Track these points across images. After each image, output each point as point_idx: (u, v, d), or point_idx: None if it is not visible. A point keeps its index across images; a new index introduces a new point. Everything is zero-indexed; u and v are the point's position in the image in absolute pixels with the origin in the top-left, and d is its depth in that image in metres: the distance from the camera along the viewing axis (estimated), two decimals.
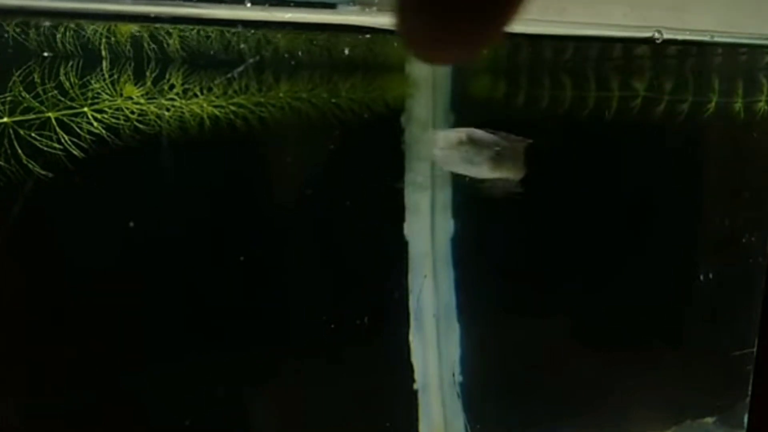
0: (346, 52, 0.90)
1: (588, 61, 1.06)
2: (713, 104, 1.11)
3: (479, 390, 1.15)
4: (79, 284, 0.84)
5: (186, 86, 0.79)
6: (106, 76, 0.73)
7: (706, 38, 0.94)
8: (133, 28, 0.71)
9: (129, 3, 0.67)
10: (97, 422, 0.89)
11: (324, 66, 0.90)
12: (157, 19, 0.69)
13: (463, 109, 1.04)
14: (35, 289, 0.82)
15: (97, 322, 0.86)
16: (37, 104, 0.69)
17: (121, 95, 0.74)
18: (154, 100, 0.76)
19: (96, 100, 0.73)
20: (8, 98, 0.68)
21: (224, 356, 0.94)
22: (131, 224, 0.83)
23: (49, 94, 0.70)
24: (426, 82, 1.01)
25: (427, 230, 1.08)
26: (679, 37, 0.92)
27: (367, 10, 0.80)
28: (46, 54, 0.69)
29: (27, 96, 0.69)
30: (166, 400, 0.93)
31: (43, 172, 0.72)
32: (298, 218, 0.98)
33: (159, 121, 0.77)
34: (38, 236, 0.80)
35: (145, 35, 0.73)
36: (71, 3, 0.66)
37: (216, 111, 0.82)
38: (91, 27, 0.70)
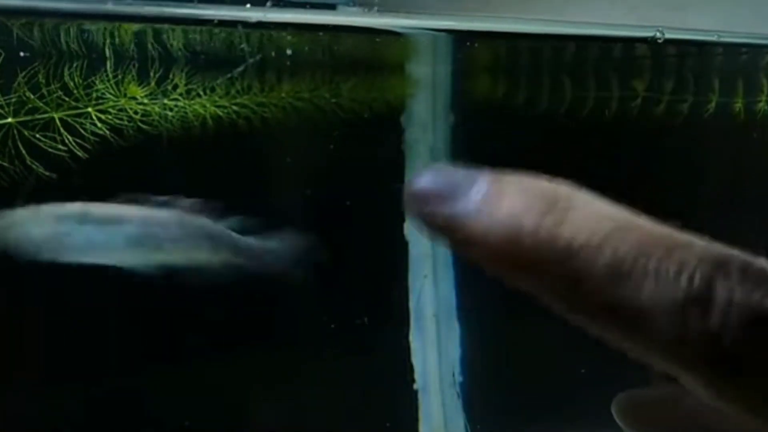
0: (346, 52, 0.91)
1: (588, 61, 1.06)
2: (713, 104, 1.11)
3: (479, 390, 1.15)
4: (78, 285, 0.84)
5: (189, 86, 0.79)
6: (110, 76, 0.73)
7: (713, 38, 0.94)
8: (136, 27, 0.71)
9: (131, 3, 0.67)
10: (97, 422, 0.89)
11: (325, 66, 0.91)
12: (159, 19, 0.70)
13: (464, 109, 1.04)
14: (35, 289, 0.82)
15: (96, 323, 0.86)
16: (42, 104, 0.70)
17: (125, 95, 0.75)
18: (158, 100, 0.77)
19: (100, 101, 0.73)
20: (13, 99, 0.68)
21: (223, 357, 0.94)
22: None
23: (54, 95, 0.70)
24: (426, 81, 1.02)
25: None
26: (681, 36, 0.92)
27: (367, 11, 0.80)
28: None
29: (32, 96, 0.69)
30: (166, 400, 0.93)
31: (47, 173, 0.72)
32: (297, 218, 0.99)
33: (162, 121, 0.78)
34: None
35: (149, 34, 0.74)
36: (73, 3, 0.66)
37: (219, 111, 0.82)
38: (95, 27, 0.70)
